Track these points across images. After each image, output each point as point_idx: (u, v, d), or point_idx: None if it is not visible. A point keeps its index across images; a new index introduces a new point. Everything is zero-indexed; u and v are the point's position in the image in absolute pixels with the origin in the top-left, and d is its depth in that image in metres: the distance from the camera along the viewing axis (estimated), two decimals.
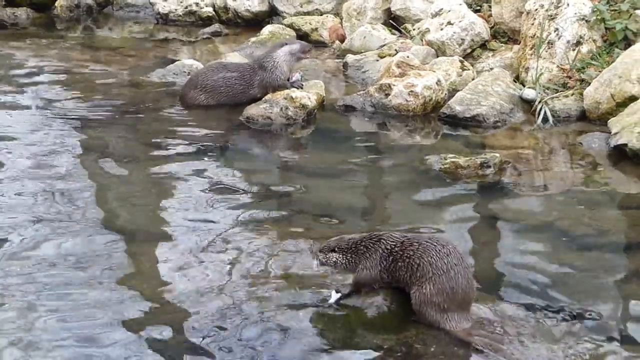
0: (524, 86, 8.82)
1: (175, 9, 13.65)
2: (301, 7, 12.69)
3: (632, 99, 7.91)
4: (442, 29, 10.15)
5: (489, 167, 6.97)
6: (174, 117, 8.51)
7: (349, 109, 8.72)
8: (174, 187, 6.65)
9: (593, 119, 8.26)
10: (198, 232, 5.79)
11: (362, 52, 10.44)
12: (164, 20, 13.68)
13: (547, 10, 9.06)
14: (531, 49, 9.03)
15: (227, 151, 7.62)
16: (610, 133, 7.62)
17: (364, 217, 6.20)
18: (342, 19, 12.01)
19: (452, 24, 10.11)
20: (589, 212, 6.30)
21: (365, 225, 5.97)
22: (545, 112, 8.33)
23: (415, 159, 7.42)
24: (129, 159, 7.26)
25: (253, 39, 11.55)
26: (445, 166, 6.99)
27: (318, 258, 4.78)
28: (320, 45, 11.62)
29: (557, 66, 8.88)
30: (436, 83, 8.70)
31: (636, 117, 7.50)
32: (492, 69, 9.39)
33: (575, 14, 8.96)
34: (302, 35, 11.68)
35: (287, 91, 8.54)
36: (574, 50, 8.87)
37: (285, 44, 8.88)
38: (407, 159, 7.47)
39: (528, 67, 8.97)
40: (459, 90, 8.70)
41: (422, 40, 10.29)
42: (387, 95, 8.62)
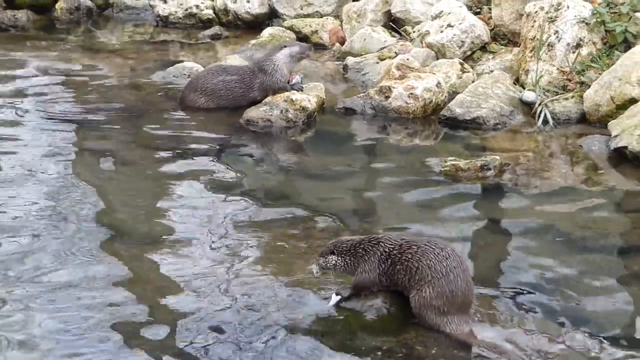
0: (524, 88, 8.82)
1: (175, 12, 13.66)
2: (301, 9, 12.69)
3: (632, 101, 7.91)
4: (442, 32, 10.16)
5: (489, 169, 6.97)
6: (174, 120, 8.51)
7: (349, 112, 8.72)
8: (174, 189, 6.65)
9: (593, 122, 8.26)
10: (197, 234, 5.79)
11: (362, 55, 10.45)
12: (164, 22, 13.68)
13: (547, 13, 9.06)
14: (531, 51, 9.03)
15: (227, 154, 7.61)
16: (610, 135, 7.62)
17: (364, 220, 6.20)
18: (342, 21, 12.01)
19: (452, 26, 10.11)
20: (589, 215, 6.30)
21: (366, 227, 5.97)
22: (545, 115, 8.33)
23: (415, 161, 7.42)
24: (128, 162, 7.26)
25: (253, 41, 11.56)
26: (445, 169, 6.99)
27: (318, 262, 4.78)
28: (320, 47, 11.63)
29: (557, 68, 8.88)
30: (436, 85, 8.71)
31: (636, 119, 7.49)
32: (492, 71, 9.39)
33: (575, 16, 8.97)
34: (302, 37, 11.69)
35: (287, 94, 8.54)
36: (574, 52, 8.87)
37: (284, 46, 8.88)
38: (407, 161, 7.46)
39: (528, 70, 8.97)
40: (459, 93, 8.70)
41: (422, 43, 10.30)
42: (387, 97, 8.62)
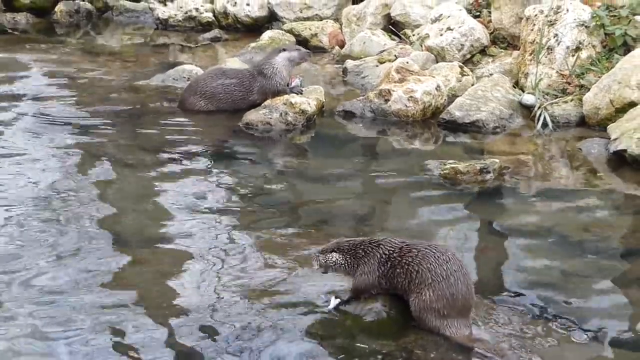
0: (523, 92, 8.83)
1: (175, 15, 13.68)
2: (301, 12, 12.71)
3: (632, 104, 7.92)
4: (441, 35, 10.17)
5: (489, 172, 6.97)
6: (173, 123, 8.51)
7: (349, 115, 8.72)
8: (173, 192, 6.64)
9: (592, 125, 8.27)
10: (196, 237, 5.79)
11: (361, 58, 10.46)
12: (164, 25, 13.71)
13: (546, 16, 9.07)
14: (531, 54, 9.04)
15: (226, 157, 7.61)
16: (609, 139, 7.62)
17: (364, 223, 6.19)
18: (341, 25, 12.04)
19: (451, 30, 10.12)
20: (588, 218, 6.30)
21: (365, 230, 5.96)
22: (544, 118, 8.34)
23: (414, 164, 7.42)
24: (127, 164, 7.25)
25: (253, 44, 11.58)
26: (444, 172, 6.99)
27: (318, 259, 4.78)
28: (320, 50, 11.65)
29: (557, 72, 8.89)
30: (436, 89, 8.71)
31: (635, 122, 7.50)
32: (491, 74, 9.41)
33: (575, 19, 8.98)
34: (301, 40, 11.71)
35: (286, 97, 8.54)
36: (573, 56, 8.88)
37: (283, 50, 8.86)
38: (407, 164, 7.46)
39: (527, 73, 8.98)
40: (458, 96, 8.71)
41: (421, 46, 10.31)
42: (386, 100, 8.63)
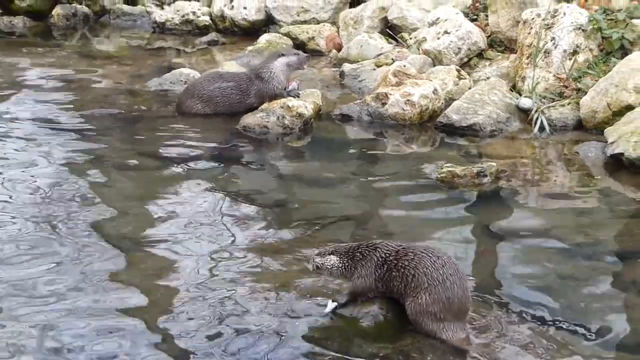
0: (520, 95, 8.83)
1: (172, 18, 13.69)
2: (298, 16, 12.72)
3: (629, 108, 7.92)
4: (438, 38, 10.17)
5: (486, 176, 6.96)
6: (170, 126, 8.50)
7: (346, 118, 8.72)
8: (170, 195, 6.63)
9: (589, 128, 8.27)
10: (193, 240, 5.77)
11: (358, 61, 10.46)
12: (161, 29, 13.72)
13: (543, 20, 9.08)
14: (528, 58, 9.05)
15: (224, 160, 7.60)
16: (606, 142, 7.62)
17: (361, 226, 6.19)
18: (338, 28, 12.04)
19: (448, 33, 10.13)
20: (585, 221, 6.30)
21: (362, 234, 5.96)
22: (541, 121, 8.34)
23: (411, 168, 7.41)
24: (125, 167, 7.25)
25: (250, 47, 11.59)
26: (441, 175, 6.98)
27: (314, 262, 4.77)
28: (317, 54, 11.66)
29: (554, 75, 8.89)
30: (433, 92, 8.71)
31: (632, 126, 7.50)
32: (488, 78, 9.41)
33: (572, 23, 8.98)
34: (298, 44, 11.72)
35: (283, 100, 8.54)
36: (570, 59, 8.88)
37: (282, 55, 8.85)
38: (404, 168, 7.46)
39: (524, 76, 8.98)
40: (455, 99, 8.71)
41: (418, 49, 10.31)
42: (383, 104, 8.63)
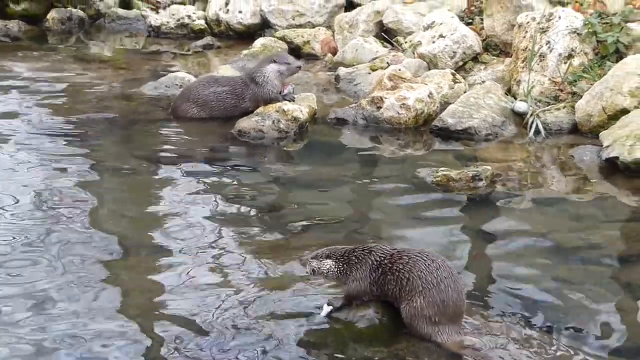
0: (515, 99, 8.83)
1: (167, 22, 13.69)
2: (293, 19, 12.72)
3: (624, 111, 7.92)
4: (434, 42, 10.18)
5: (481, 180, 6.96)
6: (165, 130, 8.50)
7: (341, 122, 8.72)
8: (166, 199, 6.63)
9: (585, 132, 8.27)
10: (189, 244, 5.76)
11: (354, 65, 10.46)
12: (156, 32, 13.72)
13: (538, 23, 9.09)
14: (523, 61, 9.05)
15: (219, 164, 7.59)
16: (601, 146, 7.62)
17: (356, 230, 6.18)
18: (334, 32, 12.05)
19: (444, 37, 10.14)
20: (580, 225, 6.29)
21: (357, 238, 5.95)
22: (537, 125, 8.34)
23: (407, 171, 7.41)
24: (120, 172, 7.24)
25: (245, 51, 11.59)
26: (437, 179, 6.98)
27: (310, 265, 4.76)
28: (312, 58, 11.66)
29: (549, 79, 8.90)
30: (428, 96, 8.71)
31: (628, 130, 7.50)
32: (483, 81, 9.41)
33: (567, 26, 8.99)
34: (294, 48, 11.72)
35: (279, 104, 8.53)
36: (565, 63, 8.89)
37: (274, 62, 8.79)
38: (399, 171, 7.46)
39: (520, 80, 8.99)
40: (450, 103, 8.71)
41: (414, 53, 10.32)
42: (379, 108, 8.62)
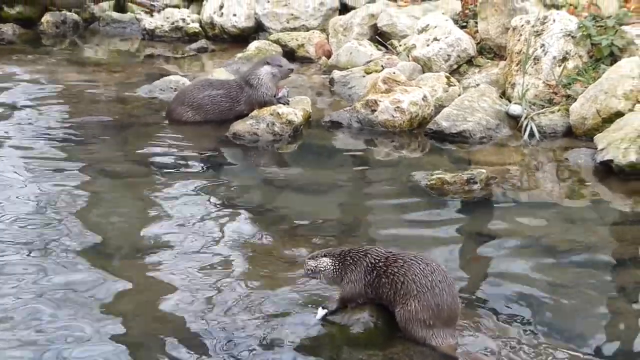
0: (510, 102, 8.83)
1: (162, 25, 13.68)
2: (287, 23, 12.72)
3: (618, 114, 7.93)
4: (428, 45, 10.18)
5: (475, 183, 6.96)
6: (160, 134, 8.48)
7: (335, 125, 8.72)
8: (161, 203, 6.61)
9: (579, 135, 8.27)
10: (183, 247, 5.76)
11: (348, 68, 10.47)
12: (150, 36, 13.72)
13: (533, 27, 9.09)
14: (517, 64, 9.06)
15: (214, 167, 7.59)
16: (596, 149, 7.63)
17: (350, 233, 6.17)
18: (328, 35, 12.05)
19: (438, 40, 10.14)
20: (574, 228, 6.29)
21: (351, 241, 5.94)
22: (531, 128, 8.34)
23: (401, 174, 7.40)
24: (115, 175, 7.22)
25: (239, 54, 11.59)
26: (431, 182, 6.98)
27: (307, 265, 4.76)
28: (307, 61, 11.67)
29: (543, 82, 8.90)
30: (422, 99, 8.71)
31: (622, 133, 7.51)
32: (478, 84, 9.41)
33: (561, 30, 9.00)
34: (288, 51, 11.72)
35: (273, 107, 8.53)
36: (560, 66, 8.90)
37: (267, 64, 8.79)
38: (394, 174, 7.45)
39: (514, 83, 8.99)
40: (445, 106, 8.71)
41: (408, 56, 10.32)
42: (373, 111, 8.62)
